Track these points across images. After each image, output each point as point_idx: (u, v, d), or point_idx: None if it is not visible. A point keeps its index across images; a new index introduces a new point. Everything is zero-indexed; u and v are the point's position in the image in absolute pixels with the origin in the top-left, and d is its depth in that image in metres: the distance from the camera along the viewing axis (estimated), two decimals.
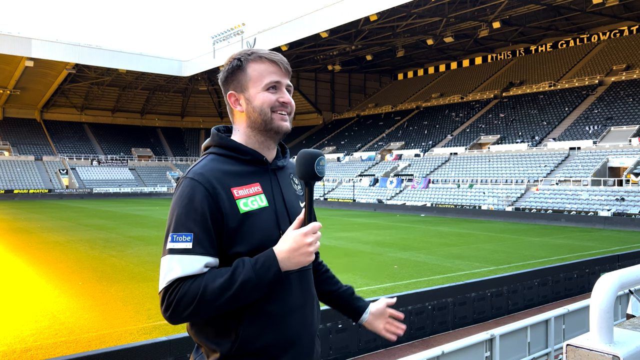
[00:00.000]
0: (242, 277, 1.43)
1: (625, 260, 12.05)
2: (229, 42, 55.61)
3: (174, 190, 1.57)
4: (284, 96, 1.64)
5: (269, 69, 1.63)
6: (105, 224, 25.97)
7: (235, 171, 1.59)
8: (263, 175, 1.63)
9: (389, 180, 45.38)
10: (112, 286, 11.28)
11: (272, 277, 1.46)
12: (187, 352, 5.31)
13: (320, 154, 1.50)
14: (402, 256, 15.80)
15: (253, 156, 1.63)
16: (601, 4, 41.72)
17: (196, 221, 1.47)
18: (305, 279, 1.66)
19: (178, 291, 1.43)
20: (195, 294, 1.42)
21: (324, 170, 1.50)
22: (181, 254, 1.45)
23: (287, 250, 1.46)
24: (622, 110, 40.16)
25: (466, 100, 58.18)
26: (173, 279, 1.44)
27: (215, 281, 1.43)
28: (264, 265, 1.45)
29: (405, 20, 46.75)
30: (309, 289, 1.67)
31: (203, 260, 1.46)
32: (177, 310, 1.43)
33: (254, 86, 1.62)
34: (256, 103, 1.61)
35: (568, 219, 28.13)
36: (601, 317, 1.34)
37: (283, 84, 1.65)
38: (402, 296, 7.73)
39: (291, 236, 1.48)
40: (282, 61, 1.65)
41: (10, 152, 60.98)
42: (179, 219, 1.48)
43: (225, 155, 1.62)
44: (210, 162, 1.59)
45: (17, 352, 7.09)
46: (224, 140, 1.64)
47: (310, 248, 1.47)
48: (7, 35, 51.79)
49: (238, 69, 1.64)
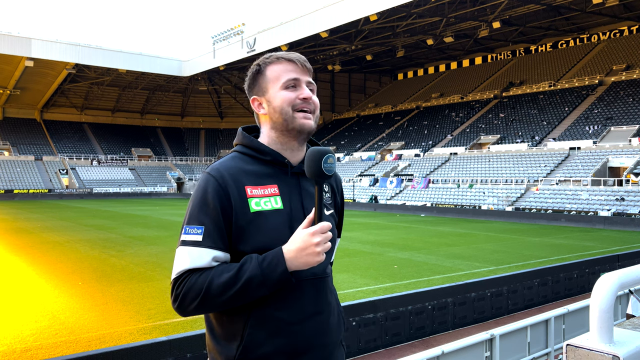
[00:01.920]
0: (248, 273, 1.43)
1: (625, 260, 12.06)
2: (229, 42, 55.59)
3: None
4: (304, 92, 1.62)
5: (287, 68, 1.63)
6: (105, 224, 25.96)
7: (254, 171, 1.59)
8: (283, 178, 1.62)
9: (389, 180, 45.38)
10: (112, 286, 11.27)
11: (279, 276, 1.44)
12: (187, 352, 5.31)
13: (328, 151, 1.46)
14: (402, 256, 15.79)
15: (273, 157, 1.62)
16: (601, 4, 41.73)
17: (208, 215, 1.49)
18: (322, 286, 1.63)
19: (186, 284, 1.45)
20: (201, 287, 1.43)
21: (332, 168, 1.46)
22: (191, 246, 1.48)
23: (295, 250, 1.44)
24: (622, 110, 40.16)
25: (466, 100, 58.18)
26: (182, 270, 1.47)
27: (222, 276, 1.44)
28: (271, 263, 1.45)
29: (405, 20, 46.75)
30: (325, 298, 1.63)
31: (211, 254, 1.47)
32: (184, 303, 1.46)
33: (272, 87, 1.62)
34: (276, 103, 1.61)
35: (568, 219, 28.13)
36: (601, 317, 1.34)
37: (302, 81, 1.64)
38: (402, 296, 7.73)
39: (299, 236, 1.46)
40: (300, 59, 1.65)
41: (10, 152, 60.98)
42: (193, 211, 1.52)
43: (247, 154, 1.63)
44: (231, 159, 1.61)
45: (17, 352, 7.09)
46: (247, 139, 1.65)
47: (318, 248, 1.43)
48: (7, 35, 51.79)
49: (258, 73, 1.66)
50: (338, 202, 1.82)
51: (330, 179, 1.53)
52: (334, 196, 1.79)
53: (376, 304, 7.31)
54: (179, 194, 62.66)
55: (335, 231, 1.76)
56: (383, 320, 7.34)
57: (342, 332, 1.72)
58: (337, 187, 1.82)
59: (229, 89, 74.49)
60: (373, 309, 7.25)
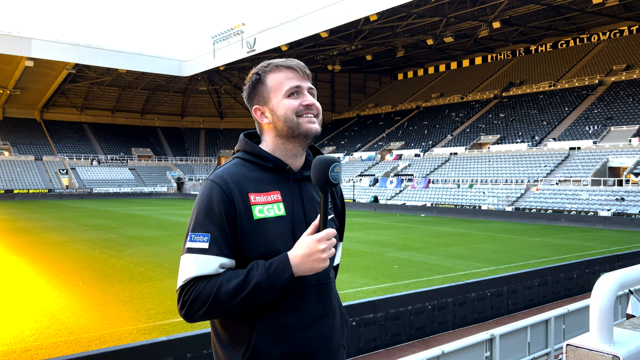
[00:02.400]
0: (256, 279, 1.45)
1: (625, 260, 12.06)
2: (229, 42, 55.58)
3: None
4: (307, 99, 1.64)
5: (287, 76, 1.64)
6: (105, 224, 25.96)
7: (257, 178, 1.60)
8: (285, 184, 1.63)
9: (389, 180, 45.39)
10: (112, 286, 11.27)
11: (285, 282, 1.46)
12: (187, 352, 5.31)
13: (335, 160, 1.49)
14: (402, 256, 15.79)
15: (276, 164, 1.63)
16: (601, 4, 41.73)
17: (213, 222, 1.51)
18: (326, 291, 1.65)
19: (193, 291, 1.47)
20: (209, 294, 1.45)
21: (339, 176, 1.49)
22: (198, 254, 1.49)
23: (301, 256, 1.47)
24: (622, 110, 40.16)
25: (466, 100, 58.19)
26: (189, 277, 1.48)
27: (230, 283, 1.46)
28: (278, 269, 1.47)
29: (405, 20, 46.75)
30: (329, 302, 1.65)
31: (218, 261, 1.49)
32: (192, 310, 1.47)
33: (275, 96, 1.63)
34: (280, 112, 1.62)
35: (568, 219, 28.13)
36: (601, 317, 1.34)
37: (304, 88, 1.65)
38: (402, 296, 7.73)
39: (305, 242, 1.48)
40: (299, 66, 1.66)
41: (10, 152, 60.98)
42: (198, 219, 1.52)
43: (249, 161, 1.64)
44: (234, 166, 1.62)
45: (17, 352, 7.09)
46: (249, 146, 1.66)
47: (323, 254, 1.46)
48: (7, 35, 51.79)
49: (258, 82, 1.66)
50: (338, 206, 1.83)
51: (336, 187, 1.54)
52: (334, 200, 1.81)
53: (376, 304, 7.31)
54: (179, 194, 62.67)
55: (337, 235, 1.77)
56: (383, 320, 7.34)
57: (346, 334, 1.74)
58: (336, 191, 1.83)
59: (229, 89, 74.48)
60: (373, 309, 7.25)
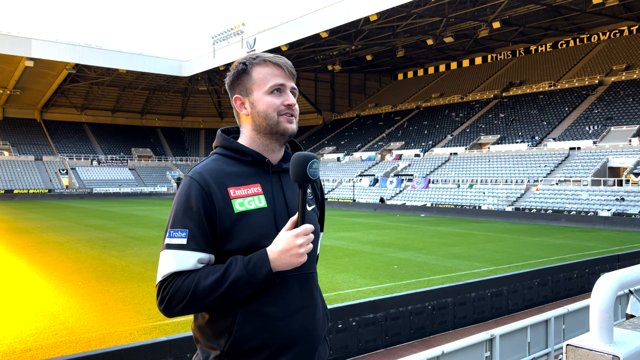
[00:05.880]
0: (234, 275, 1.47)
1: (625, 260, 12.06)
2: (229, 42, 55.58)
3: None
4: (289, 99, 1.66)
5: (273, 72, 1.65)
6: (105, 224, 25.96)
7: (236, 172, 1.62)
8: (265, 177, 1.65)
9: (389, 180, 45.38)
10: (112, 286, 11.27)
11: (264, 277, 1.49)
12: (187, 352, 5.31)
13: (313, 156, 1.50)
14: (402, 256, 15.79)
15: (254, 157, 1.65)
16: (601, 4, 41.72)
17: (191, 218, 1.52)
18: (307, 282, 1.66)
19: (172, 286, 1.48)
20: (188, 289, 1.46)
21: (317, 172, 1.51)
22: (176, 249, 1.50)
23: (279, 252, 1.49)
24: (622, 110, 40.16)
25: (466, 100, 58.18)
26: (168, 273, 1.50)
27: (208, 278, 1.47)
28: (256, 264, 1.49)
29: (405, 20, 46.75)
30: (310, 292, 1.67)
31: (196, 256, 1.51)
32: (171, 305, 1.49)
33: (258, 89, 1.64)
34: (261, 108, 1.64)
35: (568, 219, 28.13)
36: (601, 317, 1.34)
37: (287, 87, 1.67)
38: (402, 296, 7.73)
39: (283, 237, 1.50)
40: (286, 64, 1.67)
41: (10, 152, 60.97)
42: (176, 215, 1.54)
43: (227, 156, 1.66)
44: (212, 162, 1.64)
45: (17, 352, 7.09)
46: (226, 141, 1.68)
47: (301, 249, 1.49)
48: (7, 35, 51.77)
49: (243, 72, 1.67)
50: (318, 196, 1.85)
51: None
52: (314, 190, 1.82)
53: (376, 304, 7.31)
54: None
55: (318, 226, 1.80)
56: (383, 320, 7.34)
57: (327, 327, 1.76)
58: (316, 183, 1.84)
59: None
60: (373, 309, 7.25)
